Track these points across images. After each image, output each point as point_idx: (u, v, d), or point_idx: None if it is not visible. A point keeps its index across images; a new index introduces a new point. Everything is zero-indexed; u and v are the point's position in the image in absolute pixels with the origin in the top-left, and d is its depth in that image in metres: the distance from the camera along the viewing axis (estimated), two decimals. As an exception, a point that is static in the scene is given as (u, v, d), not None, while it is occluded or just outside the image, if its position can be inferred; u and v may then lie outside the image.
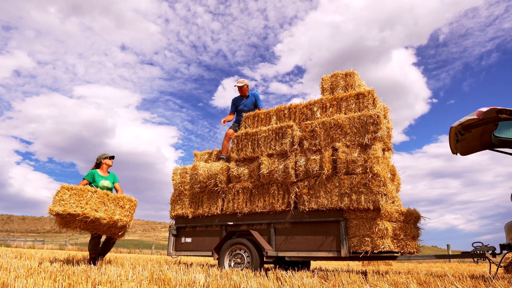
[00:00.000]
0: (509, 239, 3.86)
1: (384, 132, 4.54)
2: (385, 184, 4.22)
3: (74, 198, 4.27)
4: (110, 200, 4.41)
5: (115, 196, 4.54)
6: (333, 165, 4.60)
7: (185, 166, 5.97)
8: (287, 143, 4.96)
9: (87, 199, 4.29)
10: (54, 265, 3.94)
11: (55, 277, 2.92)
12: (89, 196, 4.34)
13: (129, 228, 4.65)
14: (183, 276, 3.22)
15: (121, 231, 4.56)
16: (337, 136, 4.67)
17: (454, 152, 4.34)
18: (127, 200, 4.50)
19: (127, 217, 4.41)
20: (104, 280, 2.81)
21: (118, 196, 4.56)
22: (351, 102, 4.91)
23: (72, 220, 4.32)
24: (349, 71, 5.34)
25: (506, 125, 4.02)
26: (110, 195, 4.53)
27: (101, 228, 4.47)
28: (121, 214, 4.35)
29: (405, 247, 4.51)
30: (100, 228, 4.48)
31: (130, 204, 4.51)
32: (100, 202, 4.34)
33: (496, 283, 2.97)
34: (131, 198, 4.60)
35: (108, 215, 4.28)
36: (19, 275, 2.95)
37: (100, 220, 4.24)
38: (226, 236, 5.03)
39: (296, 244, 4.61)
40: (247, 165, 5.29)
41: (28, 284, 2.46)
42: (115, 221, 4.30)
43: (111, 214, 4.30)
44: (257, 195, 5.06)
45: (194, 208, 5.60)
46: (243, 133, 5.45)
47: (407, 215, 4.61)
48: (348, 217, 4.37)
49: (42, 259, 5.31)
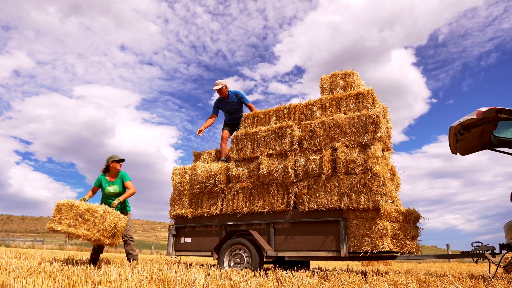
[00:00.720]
0: (508, 239, 3.86)
1: (383, 132, 4.54)
2: (385, 184, 4.22)
3: (59, 215, 4.46)
4: (78, 214, 4.41)
5: (82, 209, 4.44)
6: (333, 165, 4.60)
7: (184, 166, 5.97)
8: (287, 143, 4.96)
9: (66, 215, 4.44)
10: (53, 265, 3.94)
11: (55, 277, 2.92)
12: (67, 211, 4.47)
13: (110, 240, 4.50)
14: (183, 276, 3.22)
15: (99, 242, 4.49)
16: (336, 136, 4.67)
17: (454, 152, 4.34)
18: (90, 213, 4.37)
19: (90, 231, 4.32)
20: (103, 280, 2.81)
21: (85, 209, 4.43)
22: (351, 102, 4.91)
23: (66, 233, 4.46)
24: (349, 71, 5.34)
25: (505, 125, 4.02)
26: (79, 208, 4.43)
27: (87, 239, 4.45)
28: (84, 229, 4.35)
29: (405, 247, 4.51)
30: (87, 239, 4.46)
31: (93, 216, 4.39)
32: (73, 217, 4.42)
33: (495, 283, 2.97)
34: (96, 210, 4.42)
35: (76, 230, 4.34)
36: (18, 275, 2.95)
37: (72, 235, 4.35)
38: (225, 236, 5.03)
39: (296, 244, 4.61)
40: (247, 165, 5.28)
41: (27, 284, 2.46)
42: (79, 235, 4.30)
43: (77, 229, 4.35)
44: (257, 195, 5.06)
45: (193, 208, 5.59)
46: (242, 133, 5.45)
47: (406, 215, 4.61)
48: (348, 217, 4.37)
49: (41, 259, 5.31)
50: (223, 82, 6.07)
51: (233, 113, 6.30)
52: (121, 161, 5.26)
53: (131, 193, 5.09)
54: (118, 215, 4.59)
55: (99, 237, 4.34)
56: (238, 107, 6.28)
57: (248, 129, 5.52)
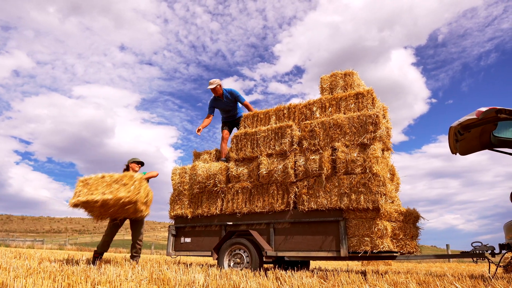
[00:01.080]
0: (508, 239, 3.86)
1: (383, 132, 4.54)
2: (385, 184, 4.22)
3: (86, 188, 4.53)
4: (114, 181, 4.55)
5: (118, 176, 4.62)
6: (333, 165, 4.60)
7: (184, 166, 5.97)
8: (287, 143, 4.96)
9: (96, 186, 4.52)
10: (53, 265, 3.94)
11: (55, 277, 2.92)
12: (97, 182, 4.56)
13: (144, 207, 4.66)
14: (183, 276, 3.22)
15: (134, 209, 4.58)
16: (336, 136, 4.67)
17: (454, 152, 4.34)
18: (128, 177, 4.54)
19: (130, 192, 4.44)
20: (103, 280, 2.80)
21: (121, 175, 4.62)
22: (351, 102, 4.91)
23: (91, 208, 4.55)
24: (349, 71, 5.34)
25: (505, 125, 4.02)
26: (114, 176, 4.60)
27: (118, 211, 4.60)
28: (125, 191, 4.43)
29: (405, 247, 4.51)
30: (117, 211, 4.62)
31: (132, 180, 4.54)
32: (106, 185, 4.53)
33: (495, 283, 2.98)
34: (132, 175, 4.61)
35: (115, 194, 4.39)
36: (18, 275, 2.95)
37: (108, 201, 4.39)
38: (225, 236, 5.03)
39: (296, 244, 4.60)
40: (246, 165, 5.28)
41: (27, 284, 2.46)
42: (120, 197, 4.37)
43: (116, 193, 4.42)
44: (257, 195, 5.06)
45: (193, 208, 5.59)
46: (242, 133, 5.45)
47: (406, 215, 4.61)
48: (348, 217, 4.37)
49: (41, 259, 5.31)
50: (216, 81, 6.12)
51: (229, 111, 6.37)
52: (141, 163, 5.57)
53: (154, 174, 5.43)
54: (149, 186, 4.78)
55: (138, 199, 4.45)
56: (233, 105, 6.34)
57: (248, 129, 5.52)
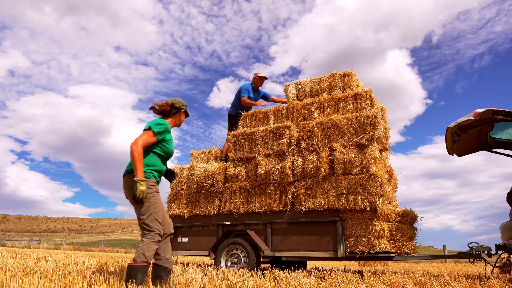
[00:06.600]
0: (504, 240, 3.88)
1: (381, 132, 4.55)
2: (382, 185, 4.23)
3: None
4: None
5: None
6: (330, 166, 4.60)
7: (182, 166, 5.96)
8: (285, 143, 4.96)
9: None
10: (50, 265, 3.92)
11: (51, 277, 2.90)
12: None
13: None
14: (180, 276, 3.21)
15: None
16: (334, 137, 4.67)
17: (451, 153, 4.36)
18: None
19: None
20: (100, 280, 2.79)
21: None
22: (349, 103, 4.92)
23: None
24: (347, 72, 5.35)
25: (502, 126, 4.04)
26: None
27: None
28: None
29: (402, 248, 4.52)
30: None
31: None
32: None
33: (491, 283, 2.99)
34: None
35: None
36: (14, 274, 2.94)
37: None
38: (222, 236, 5.02)
39: (293, 244, 4.61)
40: (244, 165, 5.28)
41: (23, 284, 2.44)
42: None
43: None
44: (254, 195, 5.06)
45: (191, 207, 5.59)
46: (240, 133, 5.44)
47: (403, 216, 4.62)
48: (345, 217, 4.37)
49: (37, 258, 5.28)
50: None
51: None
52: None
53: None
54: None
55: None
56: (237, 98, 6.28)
57: (246, 129, 5.52)
